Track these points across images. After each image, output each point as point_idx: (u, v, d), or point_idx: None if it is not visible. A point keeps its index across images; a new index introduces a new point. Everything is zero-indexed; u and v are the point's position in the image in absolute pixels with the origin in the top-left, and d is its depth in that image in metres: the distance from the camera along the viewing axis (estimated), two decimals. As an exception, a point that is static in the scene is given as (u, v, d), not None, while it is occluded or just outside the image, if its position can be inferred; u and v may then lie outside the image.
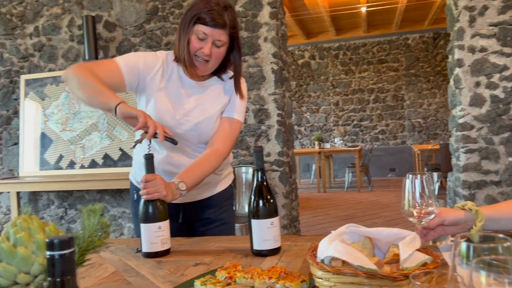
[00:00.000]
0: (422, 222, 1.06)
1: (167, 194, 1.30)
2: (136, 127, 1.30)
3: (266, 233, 1.19)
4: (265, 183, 1.23)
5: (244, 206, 3.65)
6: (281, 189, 3.73)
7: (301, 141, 10.04)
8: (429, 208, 1.05)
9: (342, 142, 8.56)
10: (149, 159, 1.32)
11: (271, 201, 1.22)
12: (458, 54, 3.39)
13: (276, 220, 1.21)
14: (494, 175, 3.36)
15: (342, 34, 9.13)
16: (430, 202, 1.05)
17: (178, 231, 1.54)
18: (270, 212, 1.21)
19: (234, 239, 1.43)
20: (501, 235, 0.62)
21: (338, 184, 8.91)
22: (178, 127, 1.51)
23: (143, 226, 1.27)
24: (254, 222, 1.21)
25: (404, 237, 0.91)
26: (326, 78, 9.88)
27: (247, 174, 3.69)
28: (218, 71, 1.58)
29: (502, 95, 3.32)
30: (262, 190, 1.22)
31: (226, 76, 1.60)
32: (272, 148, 3.75)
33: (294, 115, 9.90)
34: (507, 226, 1.11)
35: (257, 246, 1.20)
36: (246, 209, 3.38)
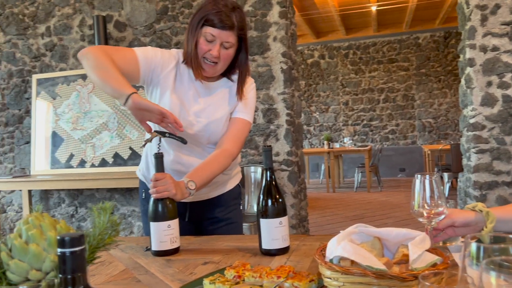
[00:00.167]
0: (432, 223, 1.06)
1: (177, 193, 1.31)
2: (158, 122, 1.32)
3: (274, 232, 1.19)
4: (273, 183, 1.23)
5: (252, 206, 3.65)
6: (290, 188, 3.73)
7: (310, 140, 10.01)
8: (438, 208, 1.04)
9: (351, 142, 8.52)
10: (158, 158, 1.33)
11: (280, 200, 1.22)
12: (469, 53, 3.35)
13: (284, 219, 1.21)
14: (506, 176, 3.32)
15: (352, 33, 9.08)
16: (440, 202, 1.04)
17: (186, 230, 1.55)
18: (279, 211, 1.21)
19: (243, 238, 1.44)
20: (511, 236, 0.61)
21: (347, 184, 8.87)
22: (189, 128, 1.52)
23: (153, 225, 1.28)
24: (263, 222, 1.21)
25: (413, 237, 0.90)
26: (335, 78, 9.84)
27: (256, 173, 3.69)
28: (227, 72, 1.57)
29: (514, 95, 3.29)
30: (271, 190, 1.22)
31: (235, 77, 1.60)
32: (281, 147, 3.75)
33: (303, 115, 9.88)
34: None
35: (265, 246, 1.21)
36: (255, 208, 3.38)
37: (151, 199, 1.30)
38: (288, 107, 3.74)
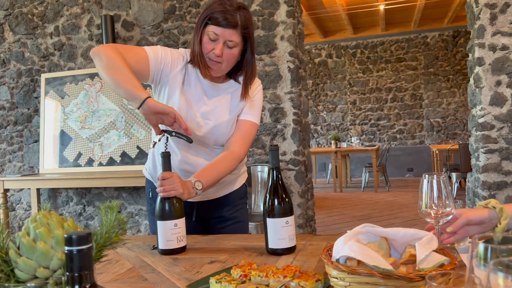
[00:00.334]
0: (440, 223, 1.05)
1: (184, 192, 1.31)
2: (177, 125, 1.32)
3: (281, 232, 1.19)
4: (280, 182, 1.23)
5: (259, 205, 3.65)
6: (296, 188, 3.72)
7: (317, 140, 9.99)
8: (446, 208, 1.03)
9: (359, 141, 8.48)
10: (165, 157, 1.33)
11: (287, 200, 1.22)
12: (478, 52, 3.33)
13: (291, 219, 1.21)
14: (515, 176, 3.29)
15: (360, 32, 9.05)
16: (448, 202, 1.03)
17: (192, 229, 1.55)
18: (285, 211, 1.21)
19: (249, 238, 1.44)
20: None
21: (354, 184, 8.84)
22: (197, 129, 1.52)
23: (160, 223, 1.28)
24: (269, 221, 1.21)
25: (420, 237, 0.89)
26: (343, 77, 9.81)
27: (263, 173, 3.69)
28: (234, 73, 1.56)
29: (523, 94, 3.25)
30: (278, 189, 1.22)
31: (242, 78, 1.59)
32: (288, 147, 3.74)
33: (310, 114, 9.86)
34: None
35: (272, 245, 1.20)
36: (261, 207, 3.38)
37: (158, 198, 1.31)
38: (295, 107, 3.73)
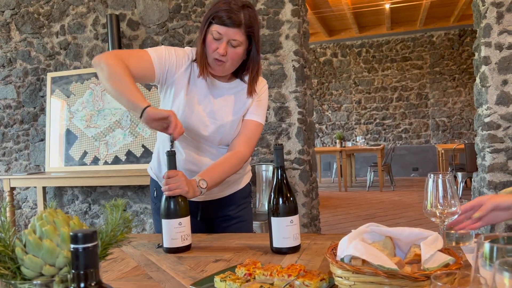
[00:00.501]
0: (445, 222, 1.05)
1: (189, 190, 1.32)
2: (170, 129, 1.31)
3: (285, 231, 1.19)
4: (285, 181, 1.23)
5: (264, 204, 3.65)
6: (301, 187, 3.72)
7: (322, 139, 9.98)
8: (451, 208, 1.03)
9: (364, 140, 8.46)
10: (171, 156, 1.34)
11: (291, 199, 1.22)
12: (484, 51, 3.30)
13: (295, 218, 1.21)
14: (521, 176, 3.27)
15: (365, 31, 9.01)
16: (453, 202, 1.03)
17: (197, 228, 1.56)
18: (290, 210, 1.21)
19: (254, 237, 1.44)
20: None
21: (359, 183, 8.82)
22: (203, 128, 1.52)
23: (165, 222, 1.28)
24: (274, 220, 1.21)
25: (426, 237, 0.89)
26: (348, 76, 9.78)
27: (267, 172, 3.69)
28: (240, 73, 1.56)
29: (530, 94, 3.23)
30: (282, 188, 1.22)
31: (247, 77, 1.59)
32: (292, 146, 3.74)
33: (315, 113, 9.84)
34: None
35: (276, 244, 1.21)
36: (266, 206, 3.38)
37: (163, 197, 1.31)
38: (300, 106, 3.73)
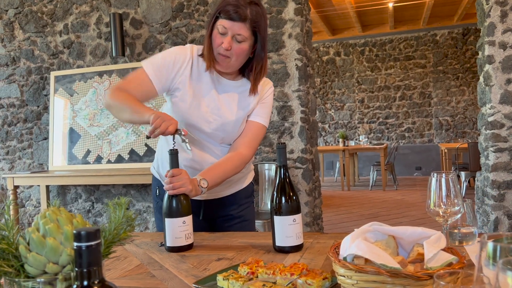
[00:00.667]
0: (448, 222, 1.04)
1: (192, 189, 1.32)
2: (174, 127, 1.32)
3: (288, 229, 1.19)
4: (287, 180, 1.23)
5: (266, 203, 3.65)
6: (304, 186, 3.72)
7: (325, 138, 9.97)
8: (455, 207, 1.03)
9: (367, 139, 8.45)
10: (173, 155, 1.34)
11: (294, 198, 1.22)
12: (488, 50, 3.29)
13: (298, 217, 1.21)
14: (525, 175, 3.26)
15: (368, 30, 8.99)
16: (456, 201, 1.03)
17: (199, 227, 1.56)
18: (293, 209, 1.21)
19: (257, 235, 1.44)
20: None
21: (362, 182, 8.81)
22: (204, 125, 1.52)
23: (168, 221, 1.28)
24: (277, 219, 1.21)
25: (428, 236, 0.89)
26: (351, 75, 9.76)
27: (270, 171, 3.69)
28: (246, 71, 1.55)
29: (534, 93, 3.22)
30: (285, 187, 1.22)
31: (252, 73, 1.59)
32: (295, 145, 3.74)
33: (318, 112, 9.83)
34: None
35: (279, 243, 1.21)
36: (269, 205, 3.38)
37: (166, 195, 1.31)
38: (303, 105, 3.72)
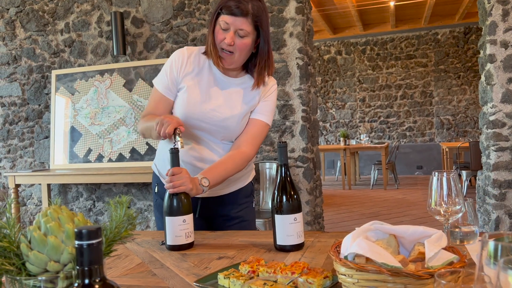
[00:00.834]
0: (449, 221, 1.04)
1: (192, 187, 1.32)
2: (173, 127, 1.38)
3: (289, 228, 1.19)
4: (288, 179, 1.23)
5: (267, 202, 3.65)
6: (305, 185, 3.72)
7: (326, 137, 9.96)
8: (456, 206, 1.03)
9: (368, 138, 8.44)
10: (174, 153, 1.34)
11: (295, 196, 1.22)
12: (490, 49, 3.29)
13: (299, 216, 1.21)
14: (526, 174, 3.25)
15: (370, 29, 8.98)
16: (457, 200, 1.03)
17: (197, 226, 1.55)
18: (294, 207, 1.21)
19: (258, 234, 1.44)
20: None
21: (363, 181, 8.81)
22: (205, 120, 1.52)
23: (168, 219, 1.29)
24: (278, 218, 1.21)
25: (430, 235, 0.89)
26: (352, 74, 9.75)
27: (271, 169, 3.69)
28: (252, 68, 1.55)
29: (536, 92, 3.21)
30: (286, 186, 1.22)
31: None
32: (296, 144, 3.74)
33: (319, 111, 9.82)
34: None
35: (280, 241, 1.21)
36: (270, 204, 3.38)
37: (166, 194, 1.31)
38: (304, 103, 3.72)
